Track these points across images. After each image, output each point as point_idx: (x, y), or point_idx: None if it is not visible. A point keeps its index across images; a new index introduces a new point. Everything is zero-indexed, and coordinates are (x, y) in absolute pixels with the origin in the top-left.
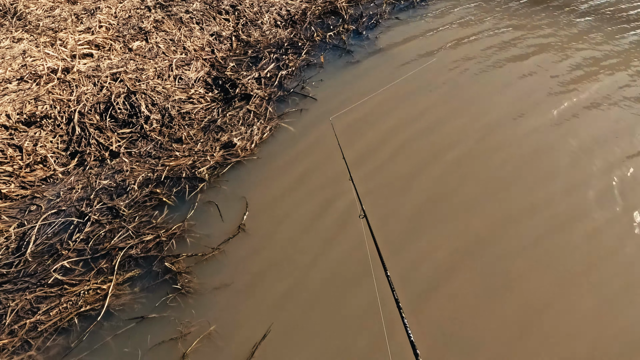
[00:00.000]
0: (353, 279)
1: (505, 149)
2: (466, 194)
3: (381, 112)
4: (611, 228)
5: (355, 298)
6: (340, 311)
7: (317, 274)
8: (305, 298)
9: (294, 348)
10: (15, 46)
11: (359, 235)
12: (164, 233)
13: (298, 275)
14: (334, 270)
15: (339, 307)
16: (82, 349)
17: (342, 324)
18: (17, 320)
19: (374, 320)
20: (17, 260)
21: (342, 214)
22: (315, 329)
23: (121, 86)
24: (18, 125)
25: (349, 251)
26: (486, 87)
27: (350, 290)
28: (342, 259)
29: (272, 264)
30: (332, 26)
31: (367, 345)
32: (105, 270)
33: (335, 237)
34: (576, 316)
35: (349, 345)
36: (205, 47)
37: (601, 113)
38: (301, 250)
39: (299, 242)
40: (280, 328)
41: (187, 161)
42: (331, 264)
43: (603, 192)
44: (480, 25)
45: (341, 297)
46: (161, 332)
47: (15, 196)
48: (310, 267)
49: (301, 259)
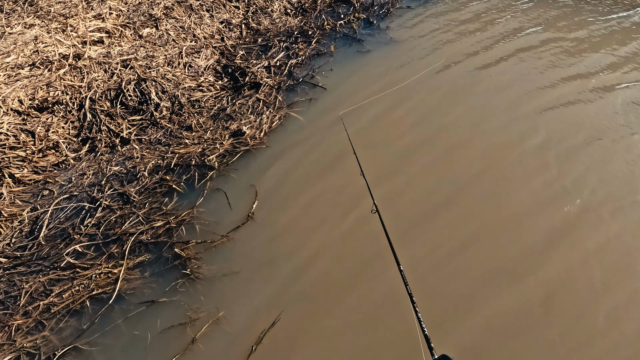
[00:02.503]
0: (364, 271)
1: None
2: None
3: (393, 106)
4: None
5: (366, 289)
6: (351, 302)
7: (326, 265)
8: (314, 288)
9: (302, 337)
10: (27, 32)
11: (371, 229)
12: (173, 219)
13: (307, 266)
14: (344, 261)
15: (348, 297)
16: (94, 331)
17: (352, 315)
18: (31, 301)
19: (385, 311)
20: (30, 243)
21: (353, 206)
22: (324, 318)
23: (131, 73)
24: (30, 110)
25: (360, 243)
26: (500, 79)
27: (362, 281)
28: (353, 250)
29: (281, 253)
30: (342, 15)
31: (381, 336)
32: (116, 254)
33: (345, 228)
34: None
35: (360, 336)
36: (215, 35)
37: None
38: (310, 241)
39: (308, 232)
40: (289, 317)
41: (197, 149)
42: (341, 255)
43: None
44: (497, 15)
45: (351, 287)
46: (171, 317)
47: (28, 181)
48: (320, 257)
49: (310, 249)
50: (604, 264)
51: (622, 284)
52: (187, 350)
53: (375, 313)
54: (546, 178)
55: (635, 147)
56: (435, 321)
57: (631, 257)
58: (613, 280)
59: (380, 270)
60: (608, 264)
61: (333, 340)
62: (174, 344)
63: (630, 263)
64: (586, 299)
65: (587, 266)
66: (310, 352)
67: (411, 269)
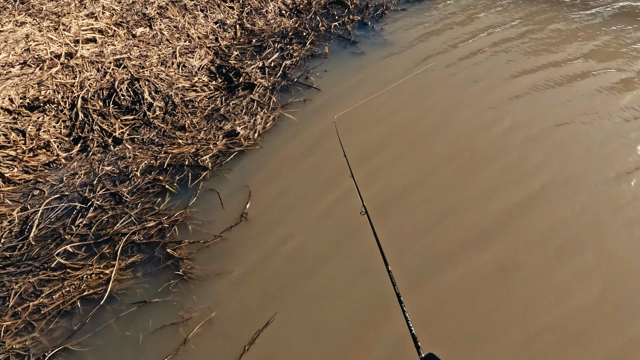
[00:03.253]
0: (356, 272)
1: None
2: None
3: (385, 107)
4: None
5: (359, 291)
6: (344, 303)
7: (319, 265)
8: (307, 288)
9: (295, 337)
10: (19, 30)
11: (361, 230)
12: (166, 220)
13: (300, 266)
14: (336, 262)
15: (342, 299)
16: (85, 332)
17: (345, 315)
18: (21, 302)
19: (377, 312)
20: (20, 243)
21: (345, 206)
22: (317, 320)
23: (124, 72)
24: (21, 109)
25: (352, 244)
26: (496, 81)
27: (354, 283)
28: (345, 251)
29: (274, 253)
30: (337, 16)
31: (371, 337)
32: (108, 255)
33: (337, 229)
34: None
35: (352, 336)
36: (209, 35)
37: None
38: (303, 241)
39: (301, 233)
40: (283, 317)
41: (190, 149)
42: (333, 255)
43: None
44: (492, 18)
45: (345, 289)
46: (163, 317)
47: (18, 180)
48: (313, 257)
49: (303, 250)
50: (560, 238)
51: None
52: (179, 351)
53: (368, 314)
54: (509, 160)
55: (597, 131)
56: (407, 285)
57: (586, 231)
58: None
59: (369, 267)
60: (564, 238)
61: (326, 342)
62: (166, 344)
63: (584, 237)
64: (542, 266)
65: (545, 237)
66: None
67: (389, 238)
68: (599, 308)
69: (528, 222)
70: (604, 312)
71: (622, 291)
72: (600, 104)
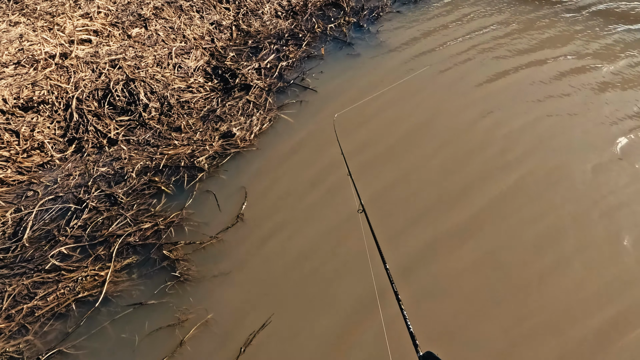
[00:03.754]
0: (353, 272)
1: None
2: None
3: (381, 107)
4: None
5: (355, 290)
6: (341, 304)
7: (315, 266)
8: (304, 290)
9: (291, 339)
10: (12, 30)
11: (358, 228)
12: (162, 221)
13: (297, 267)
14: (333, 262)
15: (339, 299)
16: (79, 334)
17: (342, 317)
18: (14, 305)
19: (373, 312)
20: (14, 245)
21: (342, 206)
22: (314, 320)
23: (120, 73)
24: (15, 110)
25: (349, 244)
26: (490, 81)
27: (350, 283)
28: (342, 251)
29: (271, 254)
30: (333, 18)
31: (368, 338)
32: (103, 257)
33: (334, 229)
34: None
35: (348, 337)
36: (205, 36)
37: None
38: (300, 242)
39: (298, 234)
40: (279, 319)
41: (186, 150)
42: (330, 256)
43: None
44: (487, 19)
45: (341, 290)
46: (159, 319)
47: (12, 181)
48: (309, 258)
49: (300, 251)
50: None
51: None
52: (175, 353)
53: (364, 315)
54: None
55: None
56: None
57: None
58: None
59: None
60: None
61: (323, 342)
62: (162, 346)
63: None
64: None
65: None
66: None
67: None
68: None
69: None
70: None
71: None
72: (581, 100)
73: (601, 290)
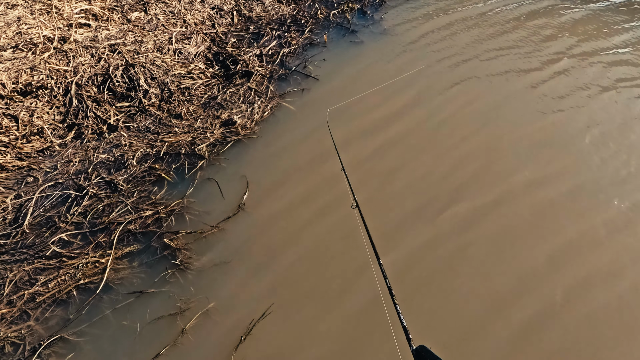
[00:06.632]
0: (352, 264)
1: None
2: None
3: (378, 103)
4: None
5: (354, 283)
6: (340, 294)
7: (316, 256)
8: (304, 280)
9: (290, 328)
10: (10, 12)
11: (355, 221)
12: (163, 209)
13: (297, 257)
14: (333, 254)
15: (337, 289)
16: (81, 321)
17: (342, 307)
18: (16, 290)
19: (370, 306)
20: (14, 231)
21: (343, 197)
22: (312, 310)
23: (119, 58)
24: (13, 94)
25: (347, 236)
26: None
27: (350, 275)
28: (342, 243)
29: (272, 243)
30: (336, 4)
31: (365, 331)
32: (104, 244)
33: (335, 220)
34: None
35: (346, 329)
36: (205, 21)
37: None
38: (300, 232)
39: (300, 222)
40: (279, 308)
41: (187, 137)
42: (330, 246)
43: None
44: (491, 4)
45: (342, 283)
46: (160, 307)
47: (11, 167)
48: (310, 249)
49: (301, 241)
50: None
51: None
52: (177, 341)
53: (362, 308)
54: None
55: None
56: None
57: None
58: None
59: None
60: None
61: (322, 332)
62: (163, 334)
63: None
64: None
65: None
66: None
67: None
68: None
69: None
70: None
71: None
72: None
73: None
